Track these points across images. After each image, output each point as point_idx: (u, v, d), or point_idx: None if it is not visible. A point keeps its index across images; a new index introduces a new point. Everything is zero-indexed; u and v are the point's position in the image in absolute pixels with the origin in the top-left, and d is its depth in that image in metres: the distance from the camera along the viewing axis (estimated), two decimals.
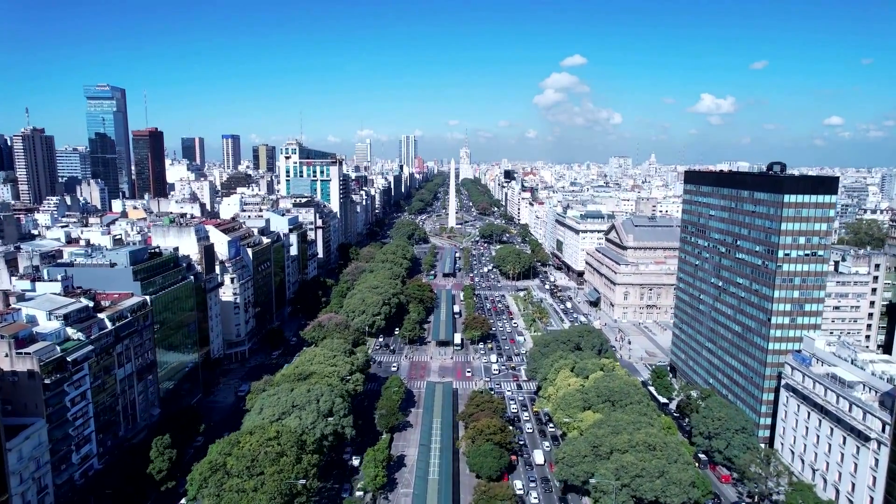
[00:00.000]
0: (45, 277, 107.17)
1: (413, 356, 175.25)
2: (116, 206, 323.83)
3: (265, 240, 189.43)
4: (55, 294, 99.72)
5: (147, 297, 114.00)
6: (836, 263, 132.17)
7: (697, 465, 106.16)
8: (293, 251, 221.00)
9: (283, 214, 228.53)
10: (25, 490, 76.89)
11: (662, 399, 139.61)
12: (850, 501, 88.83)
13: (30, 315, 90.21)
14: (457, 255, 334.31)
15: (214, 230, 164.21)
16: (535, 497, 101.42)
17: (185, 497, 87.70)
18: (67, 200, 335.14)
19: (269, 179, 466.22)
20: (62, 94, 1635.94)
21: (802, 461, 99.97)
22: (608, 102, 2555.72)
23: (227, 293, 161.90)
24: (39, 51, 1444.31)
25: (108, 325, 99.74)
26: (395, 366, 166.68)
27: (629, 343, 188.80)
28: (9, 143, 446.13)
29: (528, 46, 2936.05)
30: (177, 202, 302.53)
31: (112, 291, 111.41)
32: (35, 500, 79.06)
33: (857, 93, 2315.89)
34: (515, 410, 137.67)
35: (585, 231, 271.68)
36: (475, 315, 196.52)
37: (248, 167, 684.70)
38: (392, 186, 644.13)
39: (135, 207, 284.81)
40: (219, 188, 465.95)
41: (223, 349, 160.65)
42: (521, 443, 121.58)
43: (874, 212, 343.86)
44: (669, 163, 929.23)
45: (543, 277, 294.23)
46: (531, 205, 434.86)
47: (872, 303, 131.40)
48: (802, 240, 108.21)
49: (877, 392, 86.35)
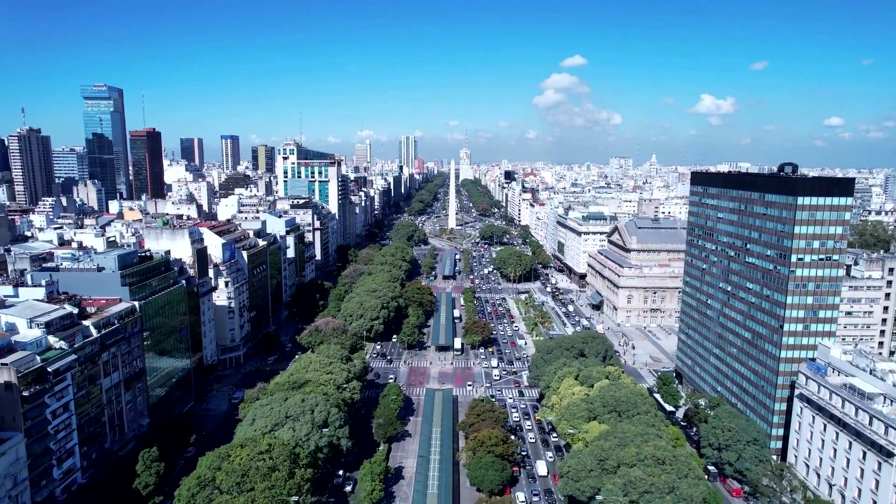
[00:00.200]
0: (29, 282, 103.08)
1: (412, 362, 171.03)
2: (113, 207, 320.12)
3: (261, 242, 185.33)
4: (38, 300, 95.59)
5: (136, 303, 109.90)
6: (848, 267, 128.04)
7: (707, 478, 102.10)
8: (290, 253, 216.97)
9: (281, 216, 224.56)
10: None
11: (669, 407, 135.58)
12: None
13: (9, 323, 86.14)
14: (457, 257, 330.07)
15: (209, 232, 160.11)
16: None
17: None
18: (63, 201, 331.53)
19: (268, 180, 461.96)
20: (59, 95, 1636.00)
21: (818, 475, 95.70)
22: (608, 103, 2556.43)
23: (222, 297, 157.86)
24: (36, 50, 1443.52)
25: (94, 333, 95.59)
26: (394, 372, 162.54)
27: (633, 348, 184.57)
28: (4, 144, 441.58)
29: (528, 47, 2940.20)
30: (173, 203, 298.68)
31: (99, 297, 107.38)
32: None
33: (858, 93, 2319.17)
34: (517, 419, 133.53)
35: (587, 233, 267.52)
36: (476, 319, 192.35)
37: (248, 168, 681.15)
38: (392, 187, 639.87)
39: (131, 209, 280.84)
40: (217, 189, 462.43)
41: (217, 355, 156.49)
42: (524, 453, 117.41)
43: (878, 213, 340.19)
44: (670, 163, 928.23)
45: (545, 280, 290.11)
46: (532, 206, 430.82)
47: (886, 308, 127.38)
48: (816, 244, 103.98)
49: None
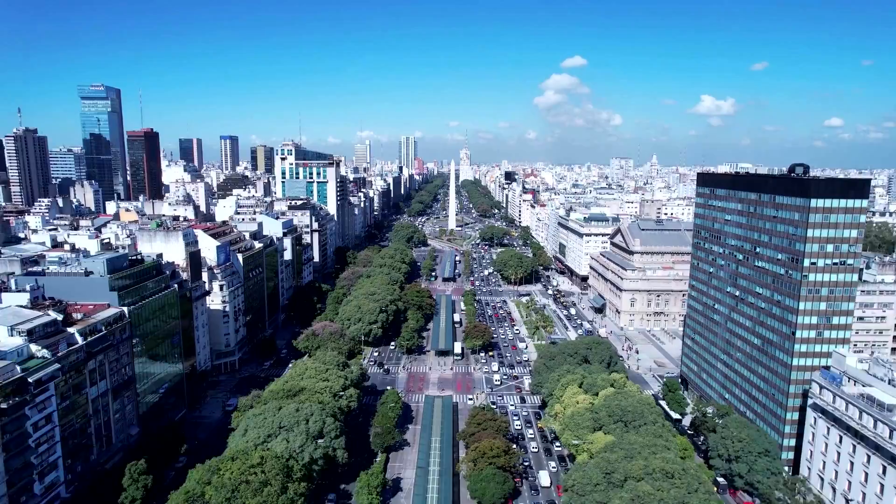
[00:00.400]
0: (14, 287, 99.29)
1: (411, 367, 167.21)
2: (111, 209, 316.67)
3: (257, 244, 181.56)
4: (22, 306, 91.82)
5: (125, 309, 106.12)
6: (860, 271, 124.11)
7: (716, 490, 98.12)
8: (287, 256, 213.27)
9: (278, 217, 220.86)
10: None
11: (675, 415, 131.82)
12: None
13: None
14: (457, 259, 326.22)
15: (203, 235, 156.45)
16: None
17: None
18: (60, 202, 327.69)
19: (267, 181, 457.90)
20: (56, 95, 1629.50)
21: (833, 489, 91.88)
22: (608, 104, 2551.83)
23: (216, 301, 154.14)
24: (33, 50, 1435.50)
25: (79, 340, 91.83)
26: (392, 377, 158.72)
27: (637, 353, 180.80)
28: (1, 144, 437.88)
29: (529, 48, 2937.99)
30: (170, 205, 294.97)
31: (87, 302, 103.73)
32: None
33: (858, 94, 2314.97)
34: (519, 427, 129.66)
35: (589, 234, 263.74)
36: (476, 323, 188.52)
37: (247, 168, 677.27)
38: (391, 188, 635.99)
39: (127, 210, 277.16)
40: (215, 190, 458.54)
41: (211, 360, 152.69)
42: (526, 464, 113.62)
43: (883, 214, 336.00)
44: (670, 164, 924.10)
45: (546, 282, 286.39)
46: (533, 207, 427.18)
47: None
48: (830, 247, 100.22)
49: None
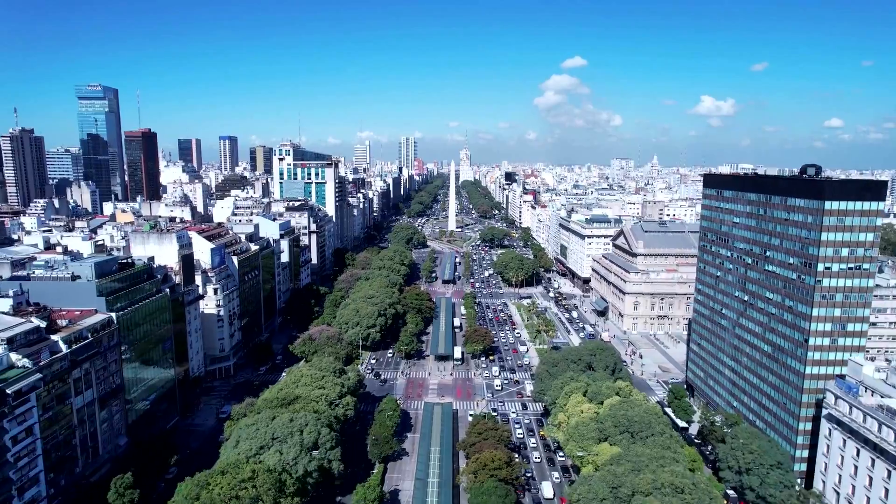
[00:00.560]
0: None
1: (410, 372, 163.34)
2: (108, 209, 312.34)
3: (253, 246, 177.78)
4: (3, 313, 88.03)
5: (112, 315, 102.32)
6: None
7: None
8: (284, 258, 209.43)
9: (275, 219, 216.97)
10: None
11: (681, 423, 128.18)
12: None
13: None
14: (457, 261, 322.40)
15: (198, 237, 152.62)
16: None
17: None
18: (56, 203, 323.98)
19: (265, 182, 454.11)
20: (53, 95, 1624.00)
21: None
22: (608, 104, 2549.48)
23: (211, 305, 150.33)
24: (30, 49, 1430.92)
25: (63, 349, 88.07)
26: (391, 383, 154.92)
27: (640, 357, 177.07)
28: None
29: (529, 48, 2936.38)
30: (167, 206, 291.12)
31: (74, 308, 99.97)
32: None
33: (858, 95, 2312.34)
34: (521, 436, 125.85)
35: (591, 236, 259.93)
36: (476, 327, 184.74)
37: (246, 169, 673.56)
38: (391, 189, 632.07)
39: (123, 211, 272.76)
40: (213, 191, 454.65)
41: (205, 366, 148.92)
42: (529, 475, 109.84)
43: (887, 215, 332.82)
44: (670, 165, 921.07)
45: (547, 284, 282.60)
46: (533, 208, 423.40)
47: None
48: (845, 251, 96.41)
49: None
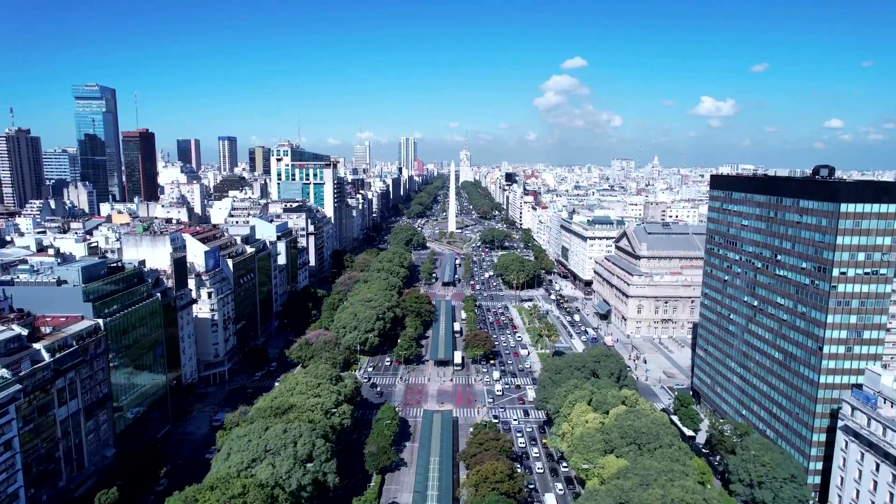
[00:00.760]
0: None
1: (409, 378, 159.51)
2: (105, 210, 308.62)
3: (249, 249, 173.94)
4: None
5: (100, 321, 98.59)
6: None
7: None
8: (281, 260, 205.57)
9: (272, 220, 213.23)
10: None
11: (688, 431, 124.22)
12: None
13: None
14: (457, 262, 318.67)
15: (192, 239, 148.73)
16: None
17: None
18: (52, 204, 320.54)
19: (264, 182, 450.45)
20: (50, 95, 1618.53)
21: None
22: (608, 105, 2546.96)
23: (204, 309, 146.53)
24: (26, 49, 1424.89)
25: (45, 358, 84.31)
26: (389, 389, 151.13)
27: (645, 362, 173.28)
28: None
29: (529, 48, 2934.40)
30: (164, 206, 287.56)
31: (59, 314, 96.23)
32: None
33: (858, 95, 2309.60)
34: (523, 444, 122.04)
35: (593, 238, 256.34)
36: (477, 331, 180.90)
37: (244, 170, 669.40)
38: (390, 189, 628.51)
39: (119, 212, 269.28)
40: (211, 191, 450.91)
41: (199, 371, 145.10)
42: (531, 486, 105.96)
43: None
44: (670, 165, 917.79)
45: (548, 286, 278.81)
46: (534, 209, 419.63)
47: None
48: (862, 256, 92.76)
49: None
